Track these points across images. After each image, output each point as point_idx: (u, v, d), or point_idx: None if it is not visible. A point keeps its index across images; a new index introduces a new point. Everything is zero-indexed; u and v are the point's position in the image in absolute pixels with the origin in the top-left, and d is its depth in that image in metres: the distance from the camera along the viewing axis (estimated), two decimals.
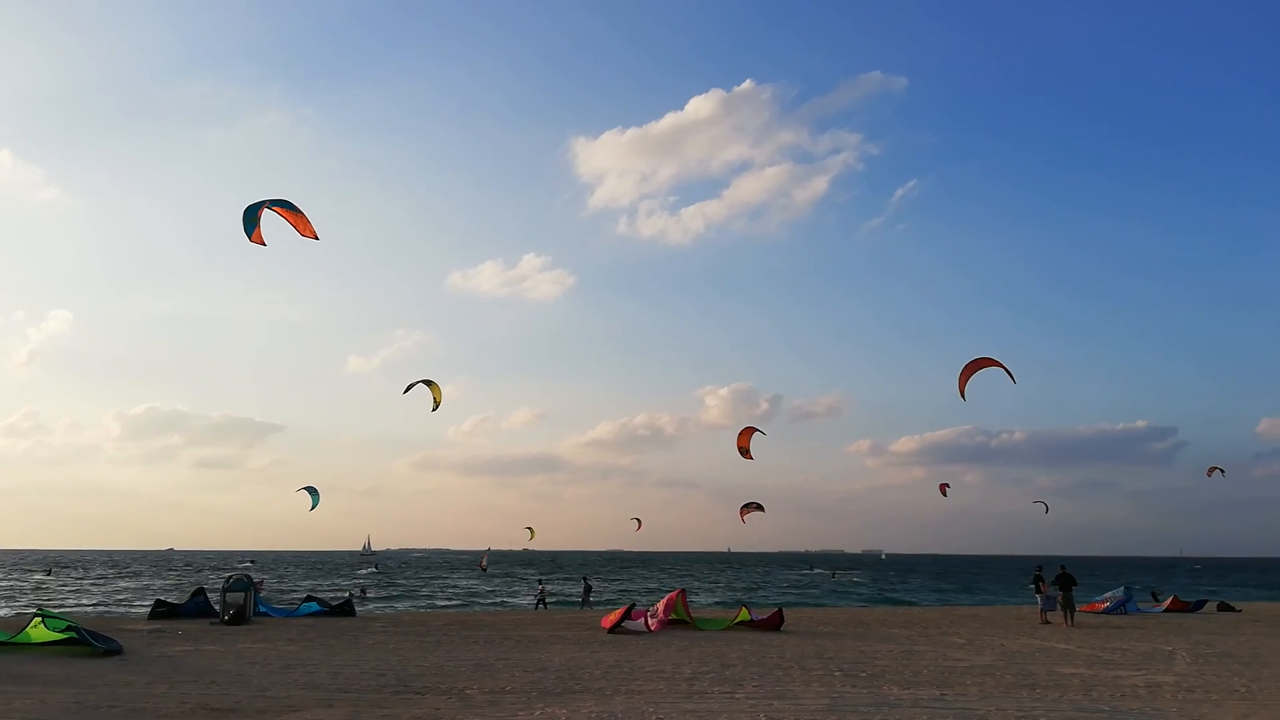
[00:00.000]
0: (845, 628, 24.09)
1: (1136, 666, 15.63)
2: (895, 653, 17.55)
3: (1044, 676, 14.12)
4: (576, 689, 12.36)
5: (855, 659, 16.30)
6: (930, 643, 19.82)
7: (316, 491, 37.45)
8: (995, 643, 19.90)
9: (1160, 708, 11.23)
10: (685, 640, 19.45)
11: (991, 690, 12.57)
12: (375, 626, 23.55)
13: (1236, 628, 25.46)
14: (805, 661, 15.77)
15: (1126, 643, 20.22)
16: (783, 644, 19.01)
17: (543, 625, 24.05)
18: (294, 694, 11.94)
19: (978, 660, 16.38)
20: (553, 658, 16.11)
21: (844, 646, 18.68)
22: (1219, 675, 14.52)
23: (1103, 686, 13.06)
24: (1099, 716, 10.46)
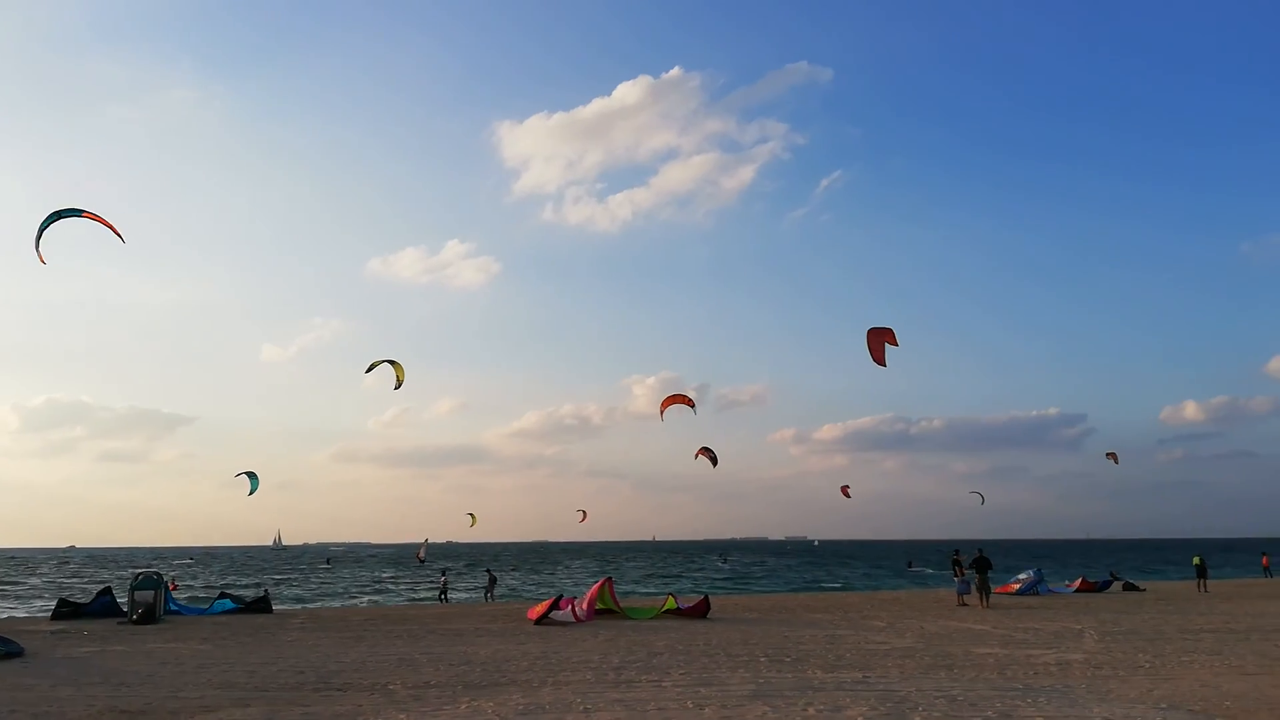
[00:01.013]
0: (770, 614, 24.40)
1: (1048, 645, 16.18)
2: (819, 637, 17.84)
3: (961, 657, 14.51)
4: (503, 681, 12.23)
5: (780, 644, 16.51)
6: (853, 627, 20.21)
7: (256, 476, 36.38)
8: (915, 625, 20.40)
9: (1070, 684, 11.63)
10: (613, 630, 19.45)
11: (911, 671, 12.85)
12: (293, 623, 22.96)
13: (1140, 606, 26.62)
14: (731, 648, 15.91)
15: (1038, 622, 20.94)
16: (709, 631, 19.15)
17: (468, 618, 23.78)
18: (208, 694, 11.54)
19: (898, 643, 16.75)
20: (478, 651, 15.93)
21: (769, 632, 18.91)
22: (1125, 652, 15.13)
23: (1016, 665, 13.48)
24: (1013, 694, 10.77)
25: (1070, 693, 10.93)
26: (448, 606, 31.93)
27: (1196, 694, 10.79)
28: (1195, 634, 18.03)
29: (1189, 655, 14.59)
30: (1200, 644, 16.20)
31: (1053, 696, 10.61)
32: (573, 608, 21.85)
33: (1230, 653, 14.86)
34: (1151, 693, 10.92)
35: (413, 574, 74.59)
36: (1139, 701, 10.28)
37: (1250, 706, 9.93)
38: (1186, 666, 13.29)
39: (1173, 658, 14.31)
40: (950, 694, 10.78)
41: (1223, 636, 17.48)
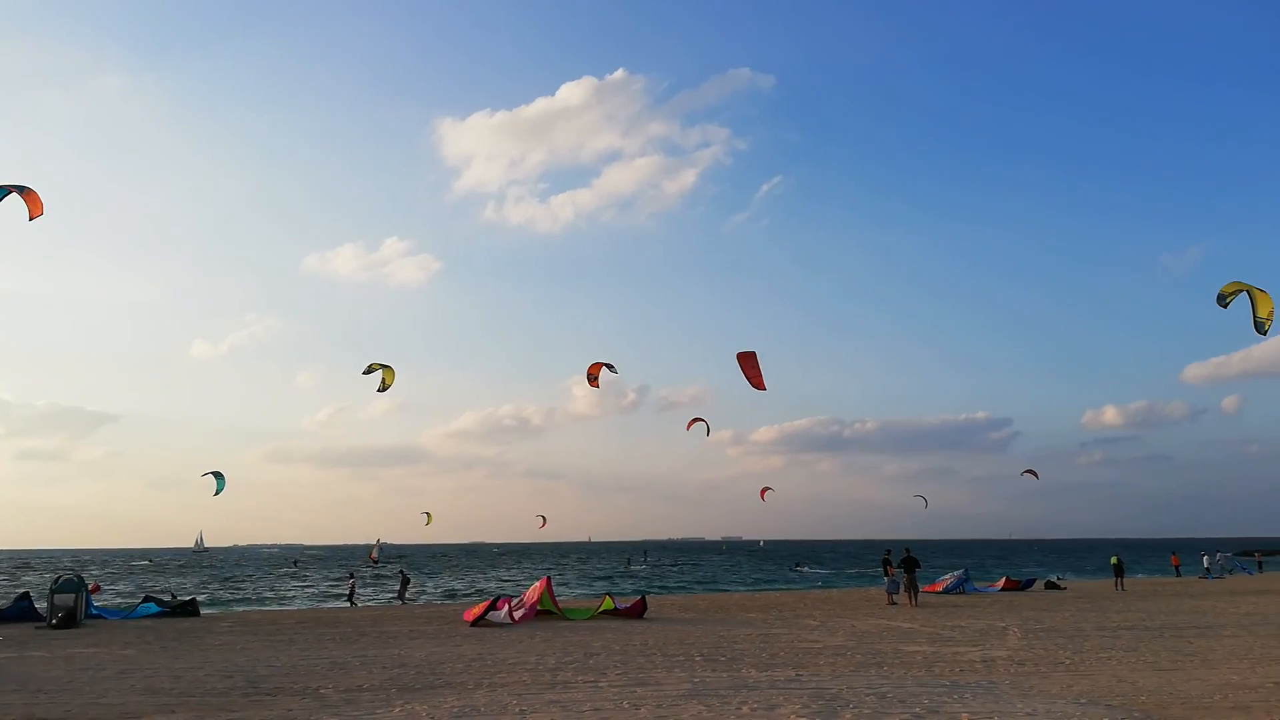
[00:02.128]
0: (706, 613, 24.61)
1: (973, 643, 16.64)
2: (753, 636, 18.06)
3: (891, 654, 14.84)
4: (438, 684, 12.13)
5: (715, 643, 16.68)
6: (786, 625, 20.51)
7: (222, 476, 35.40)
8: (846, 624, 20.78)
9: (995, 680, 11.99)
10: (550, 631, 19.42)
11: (843, 669, 13.11)
12: (221, 626, 22.42)
13: (1061, 604, 27.52)
14: (667, 648, 16.02)
15: (965, 620, 21.51)
16: (646, 631, 19.25)
17: (402, 620, 23.50)
18: (131, 700, 11.21)
19: (830, 641, 17.05)
20: (413, 653, 15.76)
21: (705, 632, 19.08)
22: (1046, 649, 15.64)
23: (943, 662, 13.83)
24: (940, 690, 11.06)
25: (995, 689, 11.26)
26: (383, 609, 31.47)
27: (1114, 689, 11.21)
28: (1113, 631, 18.71)
29: (1107, 652, 15.14)
30: (1117, 641, 16.82)
31: (978, 692, 10.92)
32: (509, 609, 21.76)
33: (1145, 649, 15.46)
34: (1071, 688, 11.31)
35: (371, 574, 73.37)
36: (1059, 697, 10.64)
37: (1164, 701, 10.35)
38: (1104, 662, 13.79)
39: (1091, 654, 14.84)
40: (880, 691, 11.03)
41: (1138, 633, 18.17)
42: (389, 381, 29.33)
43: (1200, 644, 16.09)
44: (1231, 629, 18.74)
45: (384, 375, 29.16)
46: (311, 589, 53.73)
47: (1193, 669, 12.96)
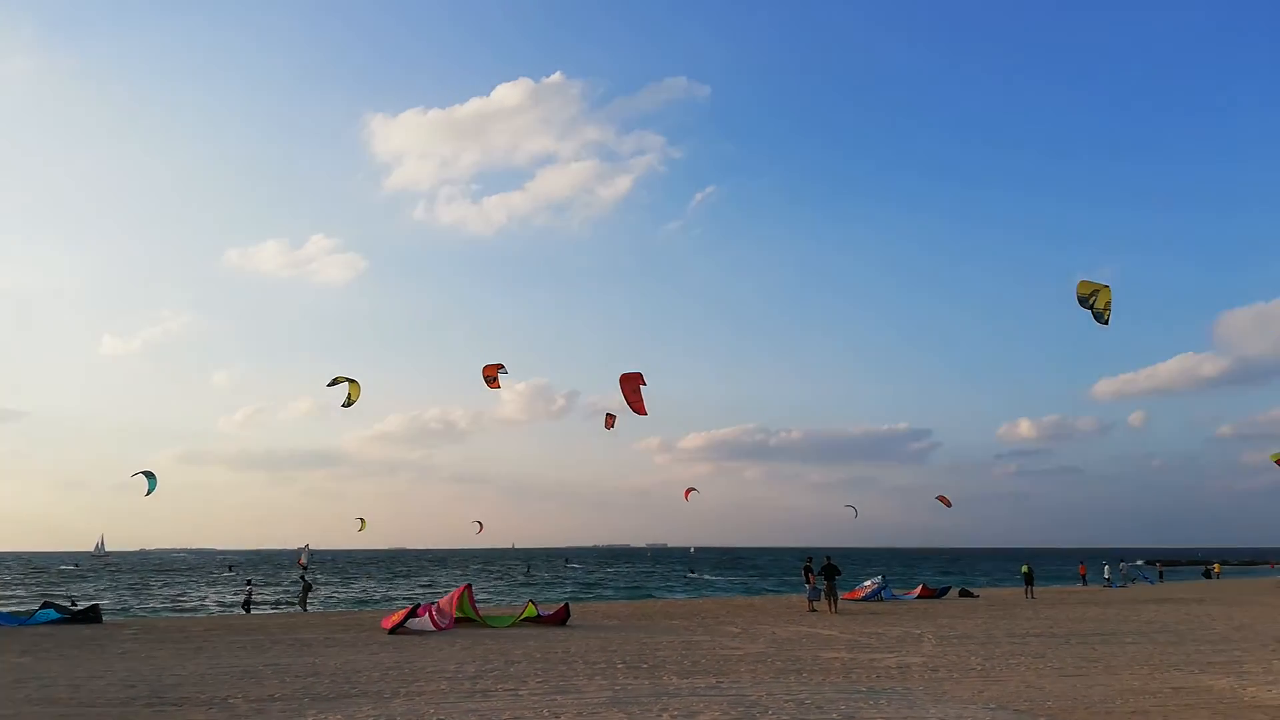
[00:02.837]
0: (629, 621, 24.61)
1: (890, 649, 16.97)
2: (675, 643, 18.11)
3: (810, 661, 15.03)
4: (353, 693, 11.85)
5: (638, 651, 16.67)
6: (708, 632, 20.62)
7: (154, 476, 33.93)
8: (767, 631, 20.99)
9: (910, 686, 12.24)
10: (470, 639, 19.16)
11: (763, 676, 13.23)
12: (125, 634, 21.55)
13: (974, 612, 28.29)
14: (589, 655, 15.95)
15: (882, 627, 21.93)
16: (568, 639, 19.14)
17: (317, 628, 22.92)
18: (24, 712, 10.68)
19: (751, 648, 17.20)
20: (327, 661, 15.37)
21: (627, 639, 19.06)
22: (959, 655, 16.04)
23: (861, 669, 14.07)
24: (857, 697, 11.25)
25: (909, 694, 11.49)
26: (297, 616, 30.66)
27: (1022, 694, 11.54)
28: (1022, 638, 19.29)
29: (1016, 658, 15.59)
30: (1026, 647, 17.34)
31: (893, 698, 11.13)
32: (430, 616, 21.41)
33: (1052, 655, 15.97)
34: (982, 693, 11.62)
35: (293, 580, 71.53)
36: (970, 702, 10.91)
37: (1069, 706, 10.70)
38: (1014, 668, 14.20)
39: (1001, 660, 15.26)
40: (799, 697, 11.15)
41: (1046, 640, 18.77)
42: (355, 396, 28.63)
43: (1103, 650, 16.70)
44: (1133, 636, 19.50)
45: (350, 390, 28.46)
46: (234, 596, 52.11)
47: (1096, 675, 13.43)
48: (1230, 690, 11.76)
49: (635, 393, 25.64)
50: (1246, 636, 19.18)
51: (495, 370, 29.61)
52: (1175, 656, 15.63)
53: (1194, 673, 13.49)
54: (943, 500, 52.27)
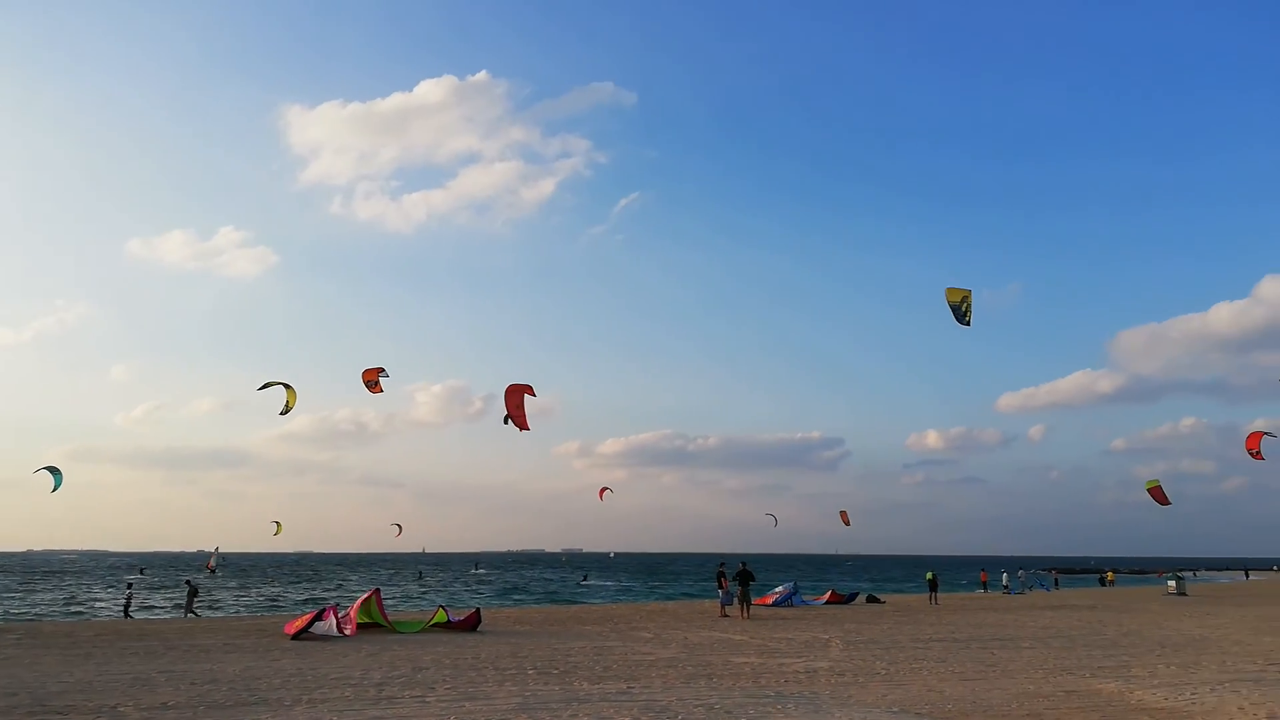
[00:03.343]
0: (542, 626, 24.43)
1: (798, 654, 17.23)
2: (588, 649, 18.04)
3: (720, 666, 15.15)
4: (251, 701, 11.45)
5: (549, 656, 16.55)
6: (621, 638, 20.61)
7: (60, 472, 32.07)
8: (680, 636, 21.09)
9: (816, 690, 12.44)
10: (377, 644, 18.74)
11: (674, 681, 13.27)
12: (7, 639, 20.40)
13: (881, 617, 28.95)
14: (500, 661, 15.76)
15: (791, 632, 22.26)
16: (479, 644, 18.89)
17: (216, 633, 22.11)
18: None
19: (663, 653, 17.25)
20: (225, 668, 14.83)
21: (539, 645, 18.92)
22: (865, 660, 16.38)
23: (770, 673, 14.24)
24: (765, 701, 11.37)
25: (816, 699, 11.67)
26: (194, 621, 29.52)
27: (924, 698, 11.84)
28: (925, 643, 19.81)
29: (919, 662, 16.00)
30: (929, 652, 17.81)
31: (800, 702, 11.29)
32: (335, 621, 20.86)
33: (954, 660, 16.44)
34: (886, 697, 11.87)
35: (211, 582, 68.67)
36: (874, 706, 11.14)
37: (968, 709, 11.01)
38: (916, 673, 14.56)
39: (905, 665, 15.64)
40: (709, 702, 11.22)
41: (948, 645, 19.31)
42: (291, 403, 27.55)
43: (1002, 655, 17.26)
44: (1029, 641, 20.21)
45: (288, 397, 27.37)
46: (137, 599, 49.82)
47: (994, 679, 13.87)
48: (1118, 693, 12.28)
49: (519, 407, 25.29)
50: (1134, 642, 20.07)
51: (375, 374, 28.51)
52: (1068, 661, 16.25)
53: (1085, 676, 14.04)
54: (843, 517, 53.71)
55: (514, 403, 25.16)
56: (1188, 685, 12.87)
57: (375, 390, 28.64)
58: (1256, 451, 34.07)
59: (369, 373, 28.49)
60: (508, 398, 25.25)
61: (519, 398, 25.38)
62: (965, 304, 22.75)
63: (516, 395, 25.41)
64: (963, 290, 22.89)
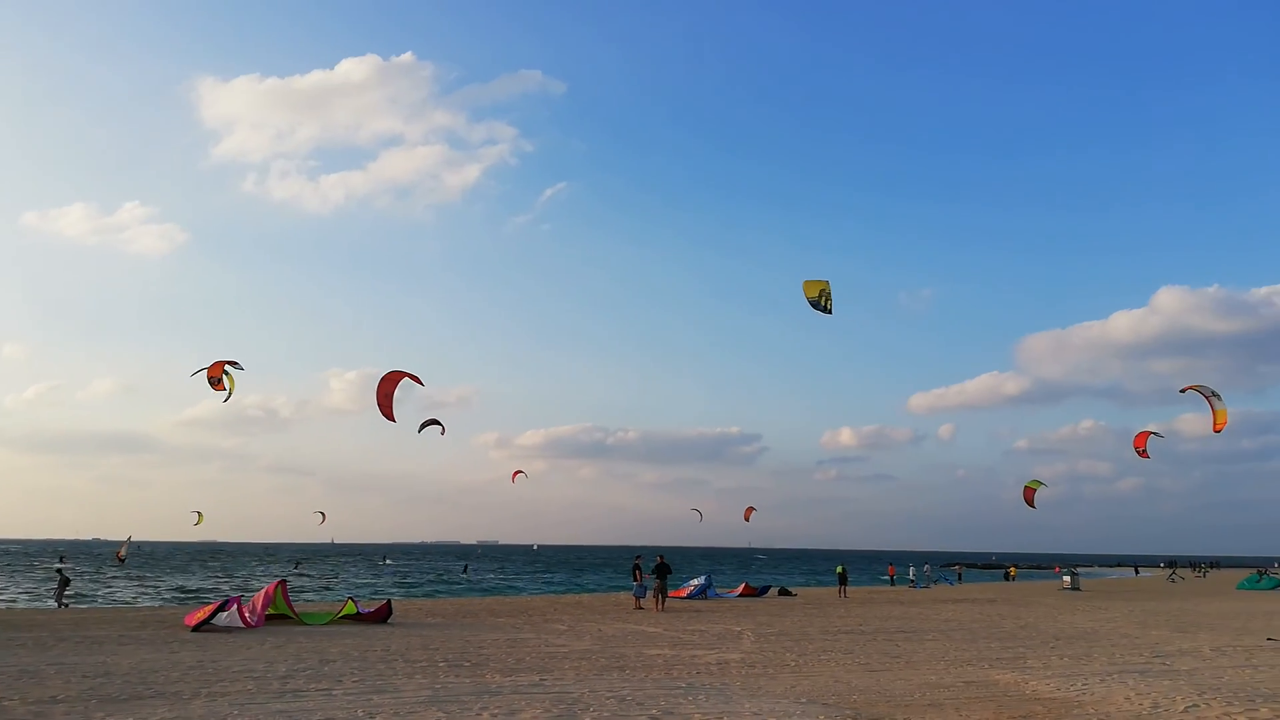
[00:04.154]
0: (454, 618, 24.17)
1: (711, 646, 17.42)
2: (500, 641, 17.93)
3: (634, 658, 15.22)
4: (147, 694, 11.04)
5: (461, 649, 16.39)
6: (535, 630, 20.53)
7: None
8: (594, 628, 21.12)
9: (728, 681, 12.60)
10: (283, 636, 18.27)
11: (586, 673, 13.28)
12: None
13: (792, 610, 29.50)
14: (410, 653, 15.54)
15: (705, 625, 22.51)
16: (389, 636, 18.58)
17: (111, 624, 21.26)
18: None
19: (577, 645, 17.25)
20: (120, 661, 14.26)
21: (450, 637, 18.71)
22: (775, 651, 16.66)
23: (682, 665, 14.37)
24: (677, 693, 11.47)
25: (726, 690, 11.82)
26: (89, 611, 28.35)
27: (831, 689, 12.10)
28: (834, 635, 20.26)
29: (827, 654, 16.35)
30: (837, 644, 18.22)
31: (710, 694, 11.42)
32: (239, 611, 20.27)
33: (860, 651, 16.85)
34: (794, 688, 12.10)
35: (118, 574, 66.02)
36: (783, 697, 11.34)
37: (873, 699, 11.29)
38: (824, 664, 14.88)
39: (814, 656, 15.97)
40: (620, 694, 11.26)
41: (855, 637, 19.79)
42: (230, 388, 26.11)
43: (906, 647, 17.76)
44: (933, 634, 20.85)
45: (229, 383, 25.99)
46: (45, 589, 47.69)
47: (898, 670, 14.26)
48: (1014, 683, 12.76)
49: (387, 397, 24.69)
50: (1030, 635, 20.87)
51: (220, 370, 26.16)
52: (968, 653, 16.81)
53: (984, 668, 14.55)
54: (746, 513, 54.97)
55: (382, 391, 24.48)
56: (1079, 676, 13.44)
57: (218, 389, 26.23)
58: (1143, 450, 35.85)
59: (215, 367, 26.11)
60: (379, 387, 24.57)
61: (390, 386, 24.70)
62: (824, 295, 23.58)
63: (388, 384, 24.70)
64: (819, 282, 23.61)
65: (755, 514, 59.13)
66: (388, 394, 24.45)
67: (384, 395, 24.35)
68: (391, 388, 24.62)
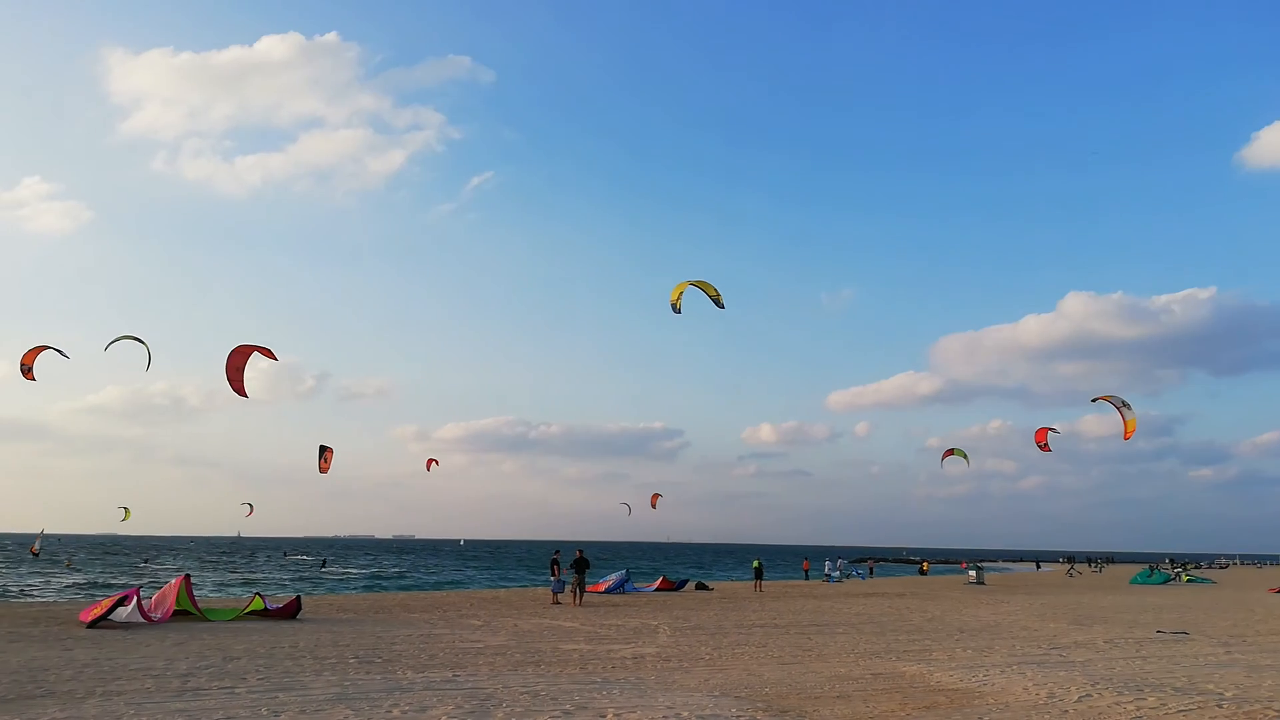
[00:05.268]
0: (366, 614, 23.72)
1: (627, 640, 17.48)
2: (414, 636, 17.66)
3: (549, 653, 15.17)
4: (37, 694, 10.54)
5: (373, 645, 16.09)
6: (449, 625, 20.29)
7: None
8: (510, 623, 20.98)
9: (642, 676, 12.65)
10: (185, 633, 17.66)
11: (501, 669, 13.17)
12: None
13: (708, 604, 29.79)
14: (319, 650, 15.19)
15: (622, 619, 22.57)
16: (297, 633, 18.14)
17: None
18: None
19: (492, 640, 17.10)
20: (8, 659, 13.59)
21: (362, 633, 18.36)
22: (690, 645, 16.80)
23: (598, 660, 14.38)
24: (592, 687, 11.47)
25: (641, 684, 11.87)
26: None
27: (743, 681, 12.25)
28: (748, 629, 20.53)
29: (741, 647, 16.56)
30: (751, 637, 18.47)
31: (625, 688, 11.45)
32: (139, 606, 19.51)
33: (773, 645, 17.11)
34: (708, 681, 12.21)
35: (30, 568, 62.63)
36: (697, 690, 11.43)
37: (784, 691, 11.48)
38: (738, 657, 15.07)
39: (728, 650, 16.15)
40: (535, 689, 11.20)
41: (769, 631, 20.10)
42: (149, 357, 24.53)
43: (817, 640, 18.11)
44: (844, 627, 21.30)
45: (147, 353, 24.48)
46: None
47: (809, 662, 14.53)
48: (919, 675, 13.12)
49: (237, 371, 23.41)
50: (936, 627, 21.51)
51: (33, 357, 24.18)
52: (877, 645, 17.23)
53: (891, 660, 14.93)
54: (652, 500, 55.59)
55: (232, 365, 23.37)
56: (981, 667, 13.90)
57: (28, 377, 24.36)
58: (1044, 444, 37.31)
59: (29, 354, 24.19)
60: (228, 360, 23.36)
61: (240, 360, 23.45)
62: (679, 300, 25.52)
63: (238, 358, 23.41)
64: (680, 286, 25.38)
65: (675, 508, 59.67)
66: (238, 367, 23.41)
67: (234, 369, 23.29)
68: (242, 361, 23.55)
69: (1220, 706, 10.51)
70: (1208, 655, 15.85)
